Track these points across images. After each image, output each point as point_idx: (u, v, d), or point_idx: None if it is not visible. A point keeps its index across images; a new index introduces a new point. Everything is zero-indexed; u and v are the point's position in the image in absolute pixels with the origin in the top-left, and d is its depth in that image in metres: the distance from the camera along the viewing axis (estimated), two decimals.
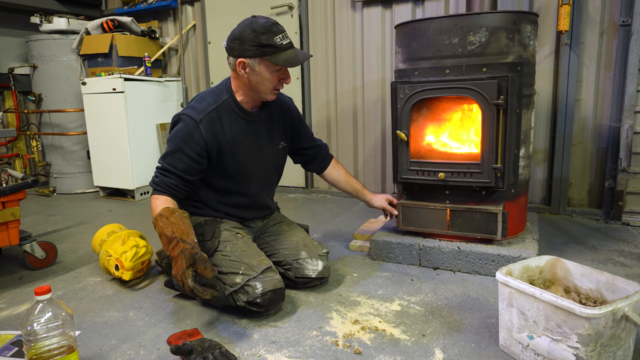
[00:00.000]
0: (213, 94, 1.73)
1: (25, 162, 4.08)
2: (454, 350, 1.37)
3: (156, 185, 1.64)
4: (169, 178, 1.63)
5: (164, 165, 1.65)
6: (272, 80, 1.65)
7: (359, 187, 2.13)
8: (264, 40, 1.57)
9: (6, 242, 1.99)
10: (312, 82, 3.44)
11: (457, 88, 1.84)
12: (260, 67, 1.61)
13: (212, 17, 3.76)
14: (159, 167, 1.67)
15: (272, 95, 1.71)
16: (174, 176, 1.63)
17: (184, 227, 1.51)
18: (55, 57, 3.80)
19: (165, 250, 1.54)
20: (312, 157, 2.07)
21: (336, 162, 2.13)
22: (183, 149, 1.63)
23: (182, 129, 1.65)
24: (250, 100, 1.73)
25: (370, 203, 2.13)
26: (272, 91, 1.69)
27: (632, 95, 2.41)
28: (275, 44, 1.58)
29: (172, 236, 1.48)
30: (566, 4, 2.40)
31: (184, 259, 1.42)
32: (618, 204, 2.51)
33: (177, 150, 1.64)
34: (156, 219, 1.54)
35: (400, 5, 3.01)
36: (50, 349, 1.21)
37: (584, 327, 1.10)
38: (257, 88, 1.66)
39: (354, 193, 2.12)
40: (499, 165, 1.84)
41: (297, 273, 1.77)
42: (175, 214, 1.54)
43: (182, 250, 1.44)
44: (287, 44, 1.62)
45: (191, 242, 1.48)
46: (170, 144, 1.66)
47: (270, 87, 1.67)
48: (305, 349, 1.40)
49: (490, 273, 1.90)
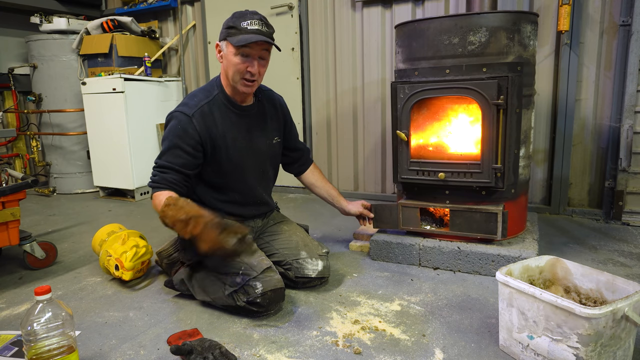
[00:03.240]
0: (204, 91, 1.75)
1: (25, 162, 4.08)
2: (454, 350, 1.37)
3: (156, 184, 1.62)
4: (168, 174, 1.62)
5: (162, 162, 1.64)
6: (237, 64, 1.62)
7: (334, 193, 2.13)
8: (231, 22, 1.61)
9: (6, 242, 1.99)
10: (312, 82, 3.44)
11: (457, 88, 1.84)
12: (227, 49, 1.64)
13: (212, 17, 3.76)
14: (156, 166, 1.66)
15: (243, 87, 1.67)
16: (173, 172, 1.62)
17: (196, 207, 1.45)
18: (55, 57, 3.80)
19: (183, 235, 1.41)
20: (293, 160, 2.09)
21: (314, 167, 2.14)
22: (179, 145, 1.63)
23: (175, 126, 1.65)
24: (235, 92, 1.73)
25: (345, 210, 2.13)
26: (241, 80, 1.66)
27: (632, 95, 2.41)
28: (238, 26, 1.59)
29: (188, 217, 1.39)
30: (566, 4, 2.40)
31: (212, 227, 1.35)
32: (618, 204, 2.51)
33: (173, 147, 1.64)
34: (163, 210, 1.46)
35: (400, 5, 3.01)
36: (50, 349, 1.21)
37: (584, 327, 1.10)
38: (228, 74, 1.68)
39: (329, 198, 2.12)
40: (499, 165, 1.84)
41: (297, 273, 1.77)
42: (180, 199, 1.48)
43: (204, 224, 1.36)
44: (252, 29, 1.59)
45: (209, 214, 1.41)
46: (165, 142, 1.66)
47: (238, 74, 1.64)
48: (305, 349, 1.40)
49: (490, 273, 1.90)
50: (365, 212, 2.13)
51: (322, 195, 2.13)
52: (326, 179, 2.16)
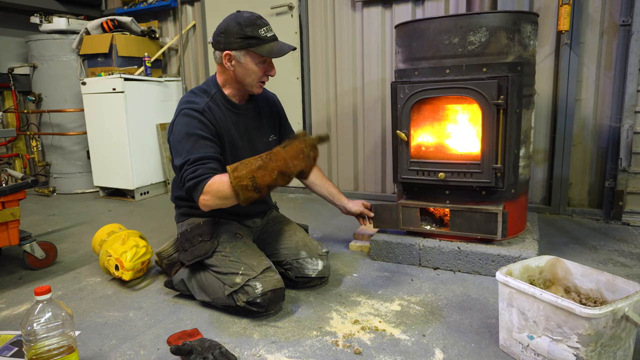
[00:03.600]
0: (202, 90, 1.74)
1: (25, 162, 4.08)
2: (454, 350, 1.37)
3: (202, 176, 1.50)
4: (210, 164, 1.54)
5: (196, 156, 1.54)
6: (258, 72, 1.66)
7: (334, 191, 2.11)
8: (249, 32, 1.60)
9: (6, 242, 1.99)
10: (312, 82, 3.44)
11: (457, 88, 1.84)
12: (245, 59, 1.64)
13: (212, 17, 3.76)
14: (190, 161, 1.54)
15: (258, 89, 1.73)
16: (212, 160, 1.56)
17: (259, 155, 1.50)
18: (55, 57, 3.80)
19: (276, 170, 1.45)
20: None
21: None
22: (204, 135, 1.60)
23: (191, 121, 1.61)
24: (237, 93, 1.75)
25: (346, 207, 2.11)
26: (258, 84, 1.71)
27: (632, 95, 2.41)
28: (259, 36, 1.61)
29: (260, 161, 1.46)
30: (566, 3, 2.40)
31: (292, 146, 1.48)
32: (618, 204, 2.51)
33: (198, 139, 1.58)
34: (236, 178, 1.43)
35: (400, 5, 3.01)
36: (50, 349, 1.21)
37: (584, 327, 1.10)
38: (244, 80, 1.68)
39: (329, 197, 2.10)
40: (499, 165, 1.84)
41: (297, 273, 1.77)
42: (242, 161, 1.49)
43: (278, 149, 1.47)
44: (271, 37, 1.64)
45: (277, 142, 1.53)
46: (186, 140, 1.58)
47: (256, 80, 1.69)
48: (305, 349, 1.40)
49: (490, 273, 1.90)
50: (365, 212, 2.13)
51: (322, 193, 2.11)
52: (326, 177, 2.15)
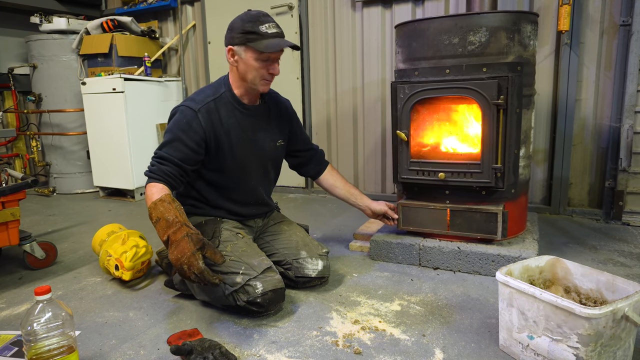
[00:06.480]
0: (212, 87, 1.76)
1: (25, 162, 4.08)
2: (454, 350, 1.37)
3: (152, 174, 1.60)
4: (166, 166, 1.61)
5: (161, 153, 1.63)
6: (258, 68, 1.65)
7: (356, 192, 2.10)
8: (249, 27, 1.60)
9: (6, 242, 1.99)
10: (312, 82, 3.44)
11: (457, 88, 1.84)
12: (246, 54, 1.64)
13: (212, 17, 3.76)
14: (155, 156, 1.64)
15: (263, 86, 1.71)
16: (171, 164, 1.61)
17: (185, 217, 1.48)
18: (55, 57, 3.80)
19: (161, 235, 1.44)
20: (307, 160, 2.07)
21: (332, 168, 2.13)
22: (181, 138, 1.63)
23: (180, 119, 1.65)
24: (245, 92, 1.75)
25: (370, 207, 2.08)
26: (261, 81, 1.70)
27: (632, 95, 2.41)
28: (259, 32, 1.60)
29: (175, 220, 1.43)
30: (566, 3, 2.40)
31: (190, 242, 1.38)
32: (618, 204, 2.51)
33: (175, 140, 1.63)
34: (155, 203, 1.48)
35: (400, 5, 3.01)
36: (50, 349, 1.21)
37: (584, 327, 1.10)
38: (246, 77, 1.68)
39: (352, 198, 2.09)
40: (499, 165, 1.84)
41: (297, 272, 1.77)
42: (176, 202, 1.51)
43: (187, 234, 1.40)
44: (272, 33, 1.63)
45: (195, 229, 1.44)
46: (168, 134, 1.65)
47: (258, 77, 1.68)
48: (305, 349, 1.40)
49: (490, 273, 1.90)
50: (390, 212, 2.09)
51: (344, 196, 2.09)
52: (345, 179, 2.13)
